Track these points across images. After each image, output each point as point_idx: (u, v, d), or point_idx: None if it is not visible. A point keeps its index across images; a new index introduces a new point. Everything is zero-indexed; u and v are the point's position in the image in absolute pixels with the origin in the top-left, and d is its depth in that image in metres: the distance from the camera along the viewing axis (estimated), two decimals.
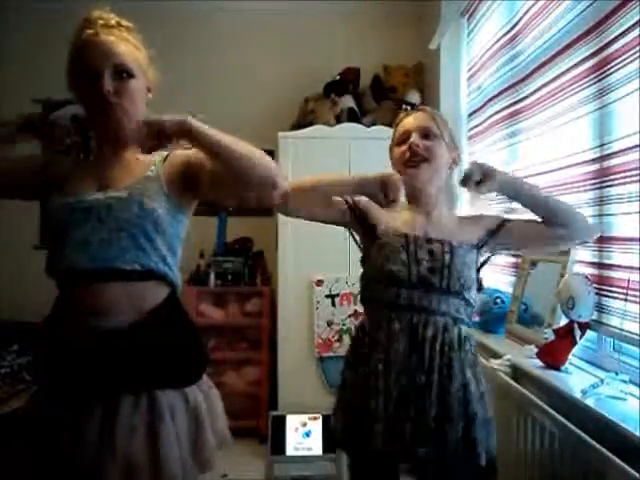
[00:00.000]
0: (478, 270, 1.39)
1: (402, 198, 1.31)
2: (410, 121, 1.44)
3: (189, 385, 1.17)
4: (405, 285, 1.31)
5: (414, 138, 1.39)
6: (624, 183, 1.48)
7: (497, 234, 1.39)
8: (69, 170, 1.25)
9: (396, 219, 1.40)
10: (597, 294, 1.58)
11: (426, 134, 1.40)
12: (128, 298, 1.12)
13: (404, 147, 1.40)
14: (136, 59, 1.19)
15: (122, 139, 1.20)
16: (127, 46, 1.19)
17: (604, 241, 1.58)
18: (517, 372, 1.74)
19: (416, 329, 1.28)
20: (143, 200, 1.15)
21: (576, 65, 1.71)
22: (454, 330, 1.30)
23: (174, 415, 1.12)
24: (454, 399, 1.25)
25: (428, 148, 1.38)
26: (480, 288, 1.39)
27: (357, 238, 1.46)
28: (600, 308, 1.59)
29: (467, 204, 2.11)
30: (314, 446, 2.75)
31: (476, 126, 2.72)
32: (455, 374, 1.27)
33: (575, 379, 1.54)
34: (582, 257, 1.69)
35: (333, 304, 2.92)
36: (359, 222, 1.42)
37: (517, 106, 2.17)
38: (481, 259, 1.40)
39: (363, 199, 1.39)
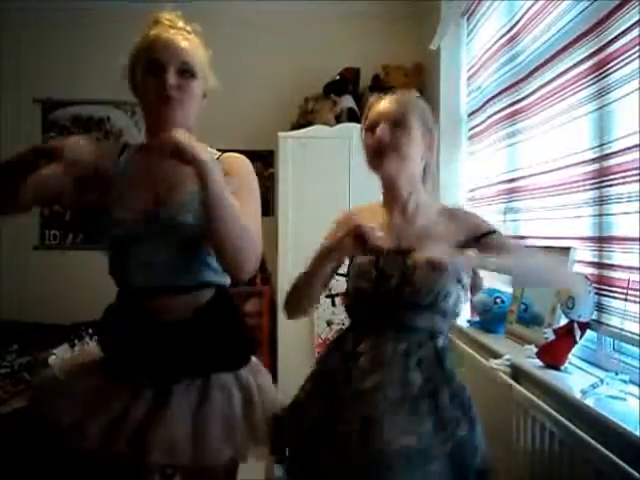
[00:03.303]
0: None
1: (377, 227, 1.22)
2: (379, 109, 1.36)
3: (239, 368, 1.28)
4: (374, 302, 1.27)
5: (381, 129, 1.31)
6: (624, 183, 1.48)
7: (475, 245, 1.25)
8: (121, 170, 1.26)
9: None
10: (597, 294, 1.58)
11: (395, 123, 1.31)
12: (184, 302, 1.23)
13: (373, 136, 1.34)
14: (200, 61, 1.22)
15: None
16: (193, 47, 1.22)
17: (604, 241, 1.58)
18: (517, 372, 1.74)
19: (385, 345, 1.23)
20: (197, 221, 1.18)
21: (576, 65, 1.71)
22: (430, 345, 1.25)
23: (230, 396, 1.22)
24: (443, 414, 1.20)
25: (396, 139, 1.30)
26: (479, 288, 1.36)
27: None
28: (600, 308, 1.59)
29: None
30: None
31: (476, 126, 2.72)
32: (439, 391, 1.21)
33: (575, 379, 1.54)
34: (582, 257, 1.69)
35: (333, 304, 2.92)
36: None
37: (517, 106, 2.17)
38: None
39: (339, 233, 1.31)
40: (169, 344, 1.20)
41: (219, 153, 1.31)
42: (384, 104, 1.37)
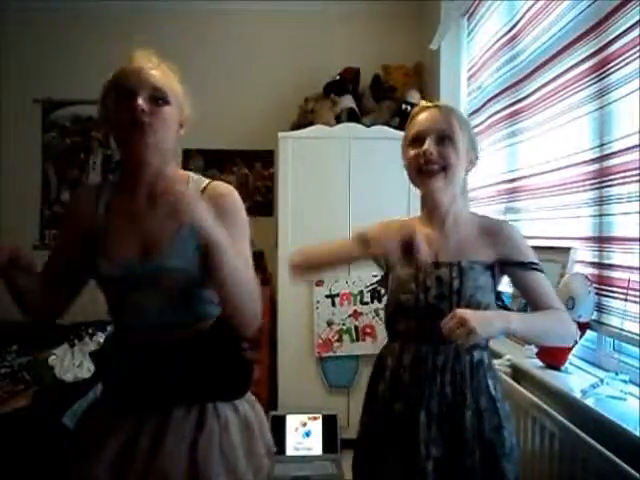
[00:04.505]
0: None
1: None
2: (425, 121, 1.31)
3: (238, 398, 1.24)
4: (414, 315, 1.26)
5: (428, 144, 1.26)
6: (624, 183, 1.48)
7: (504, 269, 1.29)
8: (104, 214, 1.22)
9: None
10: (597, 294, 1.58)
11: (441, 138, 1.27)
12: (183, 334, 1.20)
13: (417, 150, 1.29)
14: (173, 89, 1.18)
15: (153, 166, 1.16)
16: (165, 76, 1.18)
17: (604, 241, 1.58)
18: (517, 372, 1.74)
19: (426, 359, 1.24)
20: (186, 266, 1.16)
21: (576, 65, 1.71)
22: (466, 358, 1.24)
23: (227, 426, 1.18)
24: (468, 430, 1.21)
25: (443, 155, 1.26)
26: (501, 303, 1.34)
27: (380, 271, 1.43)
28: (600, 308, 1.59)
29: None
30: (314, 446, 2.75)
31: (476, 126, 2.71)
32: (468, 404, 1.21)
33: (575, 379, 1.54)
34: (582, 257, 1.69)
35: (333, 304, 2.92)
36: (374, 259, 1.37)
37: (517, 106, 2.17)
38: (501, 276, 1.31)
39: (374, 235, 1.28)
40: (165, 370, 1.16)
41: (207, 181, 1.24)
42: (428, 116, 1.31)
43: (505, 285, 2.21)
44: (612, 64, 1.52)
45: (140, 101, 1.11)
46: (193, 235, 1.13)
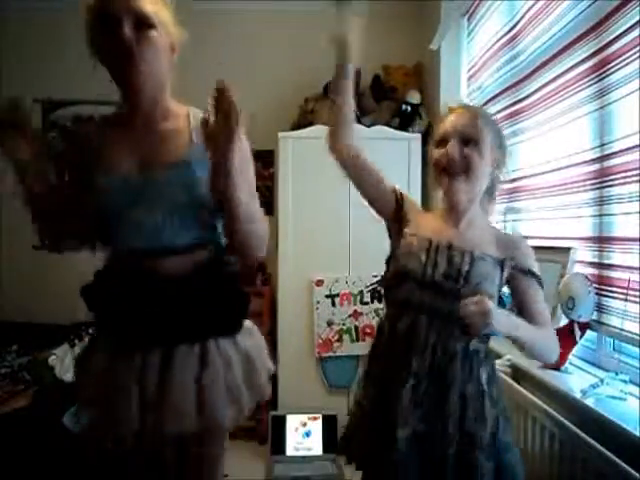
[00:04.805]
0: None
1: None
2: (450, 123, 1.32)
3: (237, 331, 1.26)
4: (418, 285, 1.26)
5: (451, 145, 1.28)
6: (624, 183, 1.48)
7: (512, 272, 1.30)
8: (100, 140, 1.23)
9: (426, 226, 1.35)
10: (597, 294, 1.58)
11: (466, 140, 1.28)
12: (180, 262, 1.19)
13: (442, 151, 1.30)
14: (157, 10, 1.14)
15: (148, 93, 1.15)
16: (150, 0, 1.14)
17: (604, 241, 1.58)
18: (517, 372, 1.74)
19: (420, 329, 1.24)
20: (188, 182, 1.16)
21: (576, 65, 1.71)
22: (461, 342, 1.23)
23: (230, 363, 1.21)
24: (451, 411, 1.20)
25: (467, 157, 1.27)
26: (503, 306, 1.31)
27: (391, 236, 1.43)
28: (600, 308, 1.59)
29: None
30: (314, 446, 2.75)
31: None
32: (455, 387, 1.22)
33: (575, 379, 1.54)
34: (582, 257, 1.69)
35: (333, 304, 2.92)
36: (395, 218, 1.39)
37: (517, 106, 2.17)
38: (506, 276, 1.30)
39: (408, 200, 1.40)
40: (165, 304, 1.15)
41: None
42: (454, 118, 1.33)
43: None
44: (612, 64, 1.52)
45: (126, 30, 1.08)
46: (202, 157, 1.14)
